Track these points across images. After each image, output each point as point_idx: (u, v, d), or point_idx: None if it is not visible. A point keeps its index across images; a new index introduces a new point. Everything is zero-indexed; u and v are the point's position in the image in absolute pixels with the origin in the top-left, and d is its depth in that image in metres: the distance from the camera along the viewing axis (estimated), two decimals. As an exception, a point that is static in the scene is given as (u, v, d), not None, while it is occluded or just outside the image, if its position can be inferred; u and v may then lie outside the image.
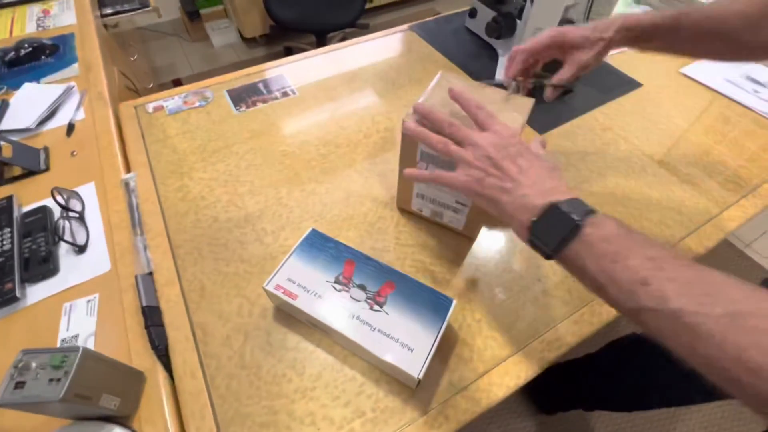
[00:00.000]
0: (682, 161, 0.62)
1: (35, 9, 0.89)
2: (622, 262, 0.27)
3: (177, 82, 1.99)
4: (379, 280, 0.42)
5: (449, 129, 0.38)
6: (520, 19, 0.72)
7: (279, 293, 0.40)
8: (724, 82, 0.74)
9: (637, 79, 0.76)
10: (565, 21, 0.69)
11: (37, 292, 0.45)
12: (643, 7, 0.93)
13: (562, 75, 0.48)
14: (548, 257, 0.32)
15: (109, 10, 1.09)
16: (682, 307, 0.24)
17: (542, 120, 0.67)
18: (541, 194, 0.33)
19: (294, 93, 0.72)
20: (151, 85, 1.44)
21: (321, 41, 1.84)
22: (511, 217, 0.34)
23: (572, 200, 0.31)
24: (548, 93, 0.50)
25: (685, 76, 0.77)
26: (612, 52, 0.81)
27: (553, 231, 0.31)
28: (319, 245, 0.44)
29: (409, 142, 0.43)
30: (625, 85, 0.75)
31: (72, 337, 0.42)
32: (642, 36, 0.46)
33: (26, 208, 0.52)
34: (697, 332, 0.23)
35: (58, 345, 0.42)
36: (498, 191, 0.34)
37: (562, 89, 0.50)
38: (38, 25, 0.85)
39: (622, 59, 0.80)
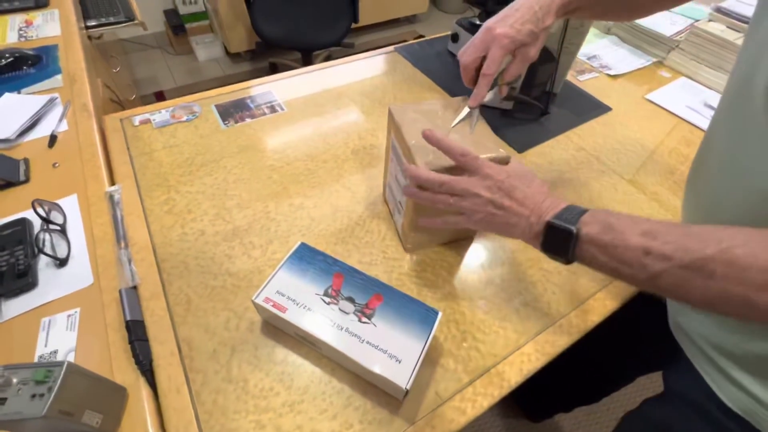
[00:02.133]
0: (649, 180, 0.67)
1: (17, 19, 0.88)
2: (622, 245, 0.31)
3: (159, 95, 1.98)
4: (367, 292, 0.43)
5: (445, 188, 0.40)
6: (499, 45, 0.76)
7: (268, 306, 0.41)
8: (686, 109, 0.81)
9: (607, 103, 0.81)
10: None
11: (13, 307, 0.44)
12: (611, 37, 1.00)
13: (513, 71, 0.47)
14: (569, 263, 0.36)
15: (93, 22, 1.09)
16: (683, 258, 0.28)
17: (520, 140, 0.71)
18: (540, 217, 0.37)
19: (282, 109, 0.73)
20: (134, 96, 1.43)
21: (306, 59, 1.87)
22: (528, 242, 0.39)
23: (562, 212, 0.36)
24: (503, 91, 0.50)
25: (650, 101, 0.83)
26: (584, 77, 0.86)
27: (560, 244, 0.35)
28: (309, 258, 0.45)
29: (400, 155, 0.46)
30: (596, 108, 0.80)
31: (51, 353, 0.41)
32: (571, 9, 0.47)
33: (4, 220, 0.51)
34: (703, 272, 0.27)
35: (36, 361, 0.40)
36: (509, 227, 0.39)
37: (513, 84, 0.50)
38: (20, 36, 0.84)
39: (594, 85, 0.86)
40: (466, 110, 0.47)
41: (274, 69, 2.15)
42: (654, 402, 0.50)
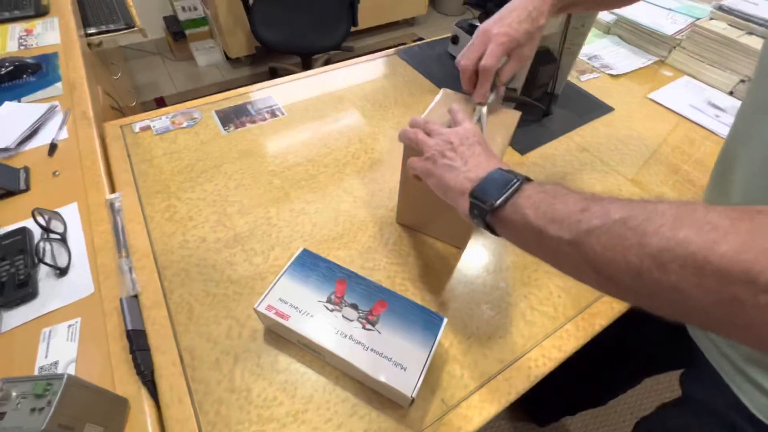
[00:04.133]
0: (653, 180, 0.66)
1: (17, 28, 0.88)
2: (560, 200, 0.28)
3: (160, 101, 1.98)
4: (370, 299, 0.42)
5: (423, 126, 0.43)
6: (499, 46, 0.76)
7: (270, 314, 0.40)
8: (688, 107, 0.80)
9: (609, 103, 0.80)
10: (543, 49, 0.73)
11: (14, 318, 0.44)
12: (612, 37, 1.00)
13: (509, 71, 0.47)
14: (486, 214, 0.32)
15: (93, 30, 1.09)
16: (626, 215, 0.24)
17: (523, 141, 0.70)
18: (485, 170, 0.35)
19: (282, 114, 0.73)
20: (134, 103, 1.43)
21: (306, 63, 1.87)
22: (451, 188, 0.36)
23: (513, 169, 0.34)
24: (501, 92, 0.50)
25: (653, 101, 0.82)
26: (586, 78, 0.85)
27: (495, 189, 0.32)
28: (311, 265, 0.44)
29: (408, 154, 0.45)
30: (599, 109, 0.79)
31: (51, 364, 0.40)
32: (563, 5, 0.47)
33: (4, 230, 0.51)
34: (644, 230, 0.23)
35: (36, 373, 0.40)
36: (446, 169, 0.37)
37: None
38: (20, 44, 0.84)
39: (595, 85, 0.85)
40: (477, 111, 0.47)
41: (273, 73, 2.15)
42: (672, 409, 0.48)
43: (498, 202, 0.31)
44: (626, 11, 0.97)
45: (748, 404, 0.38)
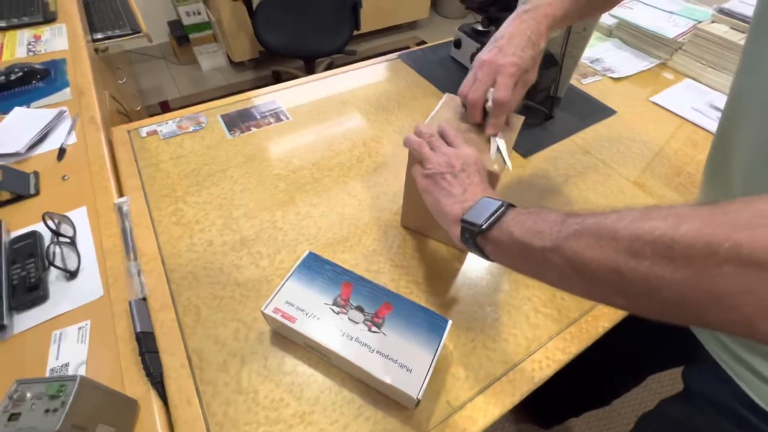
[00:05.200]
0: (657, 183, 0.66)
1: (26, 34, 0.90)
2: (542, 217, 0.30)
3: (164, 105, 2.00)
4: (376, 301, 0.43)
5: (428, 139, 0.44)
6: (502, 50, 0.76)
7: (277, 316, 0.41)
8: (690, 110, 0.80)
9: (611, 106, 0.81)
10: (545, 52, 0.73)
11: (25, 320, 0.44)
12: (614, 40, 1.00)
13: (516, 99, 0.47)
14: (476, 236, 0.34)
15: (100, 35, 1.10)
16: (599, 219, 0.26)
17: (526, 145, 0.71)
18: (473, 197, 0.38)
19: (287, 118, 0.73)
20: (139, 107, 1.44)
21: (309, 66, 1.89)
22: (446, 214, 0.38)
23: (502, 200, 0.36)
24: (510, 120, 0.50)
25: (655, 103, 0.82)
26: (588, 81, 0.86)
27: (484, 212, 0.34)
28: (317, 268, 0.45)
29: (413, 160, 0.46)
30: (601, 112, 0.80)
31: (62, 365, 0.41)
32: (555, 23, 0.48)
33: (15, 234, 0.51)
34: (615, 227, 0.25)
35: (47, 374, 0.40)
36: (444, 194, 0.40)
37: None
38: (29, 50, 0.85)
39: (598, 88, 0.86)
40: (494, 142, 0.46)
41: (277, 77, 2.17)
42: (673, 402, 0.49)
43: (487, 224, 0.33)
44: (628, 14, 0.98)
45: (750, 393, 0.39)
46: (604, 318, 0.49)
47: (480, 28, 0.84)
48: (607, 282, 0.25)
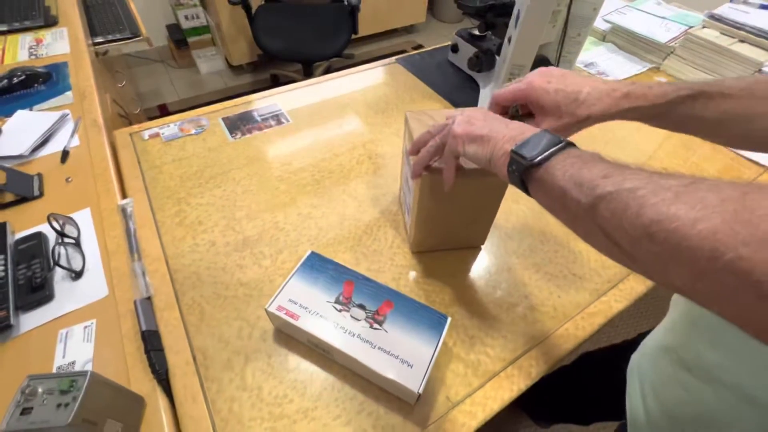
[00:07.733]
0: (650, 184, 0.68)
1: (27, 38, 0.90)
2: (589, 166, 0.29)
3: (163, 108, 2.00)
4: (377, 299, 0.44)
5: (429, 132, 0.42)
6: (498, 55, 0.78)
7: (281, 314, 0.42)
8: (682, 113, 0.82)
9: (605, 109, 0.82)
10: (540, 58, 0.75)
11: (31, 320, 0.45)
12: (607, 44, 1.02)
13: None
14: (523, 170, 0.32)
15: (100, 39, 1.11)
16: (636, 185, 0.25)
17: (522, 147, 0.72)
18: (530, 130, 0.34)
19: (288, 121, 0.75)
20: (138, 110, 1.45)
21: (307, 70, 1.90)
22: (497, 140, 0.35)
23: (561, 138, 0.33)
24: None
25: (648, 107, 0.84)
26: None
27: (540, 145, 0.32)
28: (319, 267, 0.46)
29: (424, 190, 0.45)
30: (596, 114, 0.81)
31: (68, 364, 0.42)
32: (648, 115, 0.43)
33: (20, 234, 0.52)
34: (645, 201, 0.24)
35: (54, 372, 0.41)
36: (492, 123, 0.37)
37: None
38: (30, 54, 0.86)
39: (592, 91, 0.87)
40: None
41: (275, 80, 2.18)
42: None
43: (539, 158, 0.31)
44: (622, 20, 1.00)
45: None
46: (599, 315, 0.50)
47: (477, 32, 0.86)
48: (628, 251, 0.25)
